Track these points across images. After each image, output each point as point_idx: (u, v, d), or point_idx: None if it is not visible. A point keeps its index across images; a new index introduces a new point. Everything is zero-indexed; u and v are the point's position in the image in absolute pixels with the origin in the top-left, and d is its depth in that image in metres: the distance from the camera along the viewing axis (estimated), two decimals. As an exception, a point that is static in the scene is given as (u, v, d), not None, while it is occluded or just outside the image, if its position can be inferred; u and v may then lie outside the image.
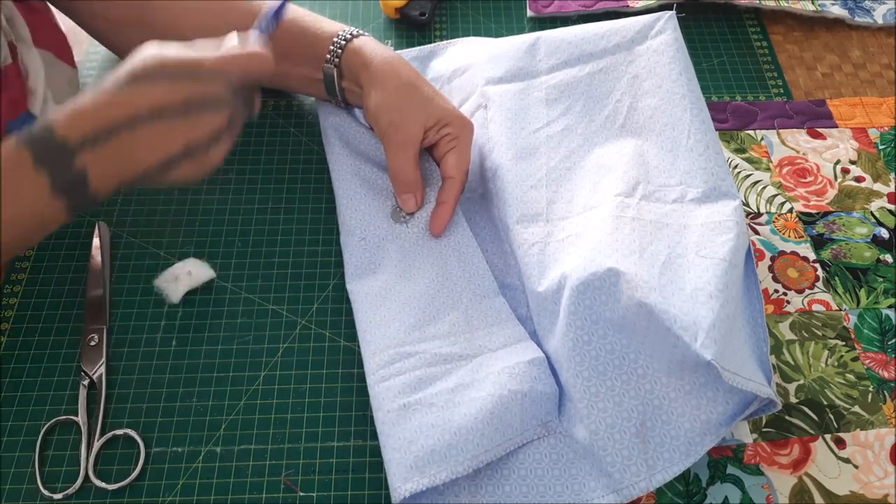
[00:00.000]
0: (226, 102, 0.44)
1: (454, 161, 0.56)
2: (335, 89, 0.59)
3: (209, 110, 0.44)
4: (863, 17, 0.75)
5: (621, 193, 0.51)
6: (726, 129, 0.66)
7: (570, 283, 0.47)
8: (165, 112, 0.42)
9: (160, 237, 0.58)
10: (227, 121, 0.45)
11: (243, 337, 0.53)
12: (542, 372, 0.48)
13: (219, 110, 0.44)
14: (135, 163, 0.43)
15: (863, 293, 0.56)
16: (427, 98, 0.56)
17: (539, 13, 0.75)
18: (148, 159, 0.43)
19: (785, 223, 0.60)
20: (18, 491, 0.47)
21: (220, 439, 0.49)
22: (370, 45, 0.57)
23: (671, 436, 0.45)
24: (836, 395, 0.51)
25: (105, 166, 0.43)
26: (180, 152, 0.44)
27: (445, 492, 0.45)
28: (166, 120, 0.43)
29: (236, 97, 0.45)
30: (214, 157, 0.46)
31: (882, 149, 0.65)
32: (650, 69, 0.56)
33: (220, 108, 0.44)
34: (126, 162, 0.43)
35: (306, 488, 0.47)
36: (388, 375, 0.48)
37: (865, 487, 0.47)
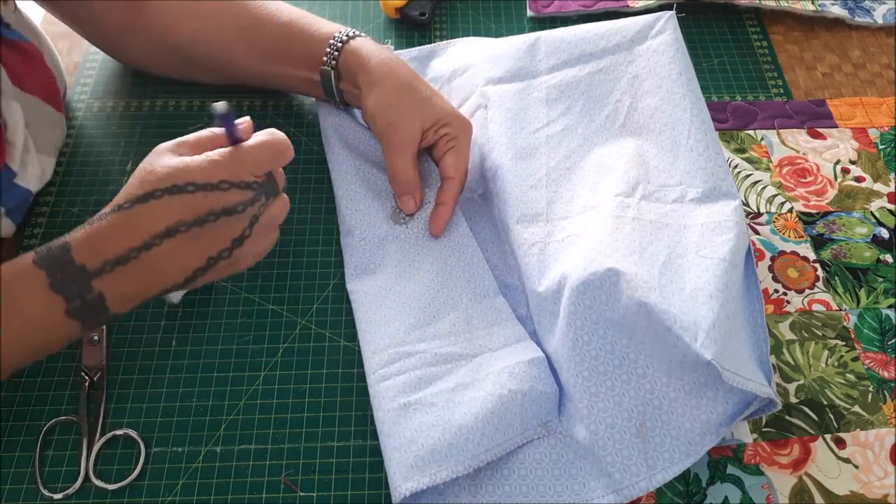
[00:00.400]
0: (243, 205, 0.43)
1: (453, 161, 0.56)
2: (333, 91, 0.59)
3: (226, 218, 0.43)
4: (863, 17, 0.75)
5: (621, 193, 0.51)
6: (726, 129, 0.66)
7: (570, 282, 0.47)
8: (180, 229, 0.42)
9: (160, 237, 0.58)
10: (248, 222, 0.44)
11: (243, 337, 0.53)
12: (542, 372, 0.48)
13: (237, 216, 0.43)
14: (156, 280, 0.43)
15: (863, 293, 0.56)
16: (425, 98, 0.56)
17: (539, 13, 0.75)
18: (169, 275, 0.43)
19: (785, 223, 0.60)
20: (18, 491, 0.47)
21: (220, 439, 0.49)
22: (367, 47, 0.57)
23: (671, 436, 0.45)
24: (836, 395, 0.51)
25: (124, 287, 0.42)
26: (203, 264, 0.43)
27: (446, 491, 0.45)
28: (182, 235, 0.42)
29: (256, 194, 0.44)
30: (245, 254, 0.45)
31: (882, 149, 0.65)
32: (650, 69, 0.56)
33: (238, 213, 0.43)
34: (146, 280, 0.43)
35: (306, 488, 0.47)
36: (389, 375, 0.48)
37: (865, 487, 0.47)
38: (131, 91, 0.68)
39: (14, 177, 0.54)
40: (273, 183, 0.46)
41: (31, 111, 0.57)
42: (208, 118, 0.66)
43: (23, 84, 0.56)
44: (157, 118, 0.66)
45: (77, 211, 0.59)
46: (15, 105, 0.54)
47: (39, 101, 0.58)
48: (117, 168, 0.62)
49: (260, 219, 0.45)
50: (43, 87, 0.59)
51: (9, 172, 0.54)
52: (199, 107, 0.67)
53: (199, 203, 0.42)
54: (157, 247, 0.41)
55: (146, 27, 0.61)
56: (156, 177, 0.42)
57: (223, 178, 0.42)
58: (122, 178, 0.61)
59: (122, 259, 0.41)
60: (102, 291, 0.41)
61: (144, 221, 0.41)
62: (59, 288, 0.41)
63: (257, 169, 0.44)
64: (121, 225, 0.41)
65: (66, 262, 0.41)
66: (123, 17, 0.60)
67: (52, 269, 0.41)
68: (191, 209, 0.42)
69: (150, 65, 0.66)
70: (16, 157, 0.54)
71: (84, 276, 0.41)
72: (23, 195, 0.56)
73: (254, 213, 0.44)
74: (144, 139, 0.64)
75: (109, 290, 0.42)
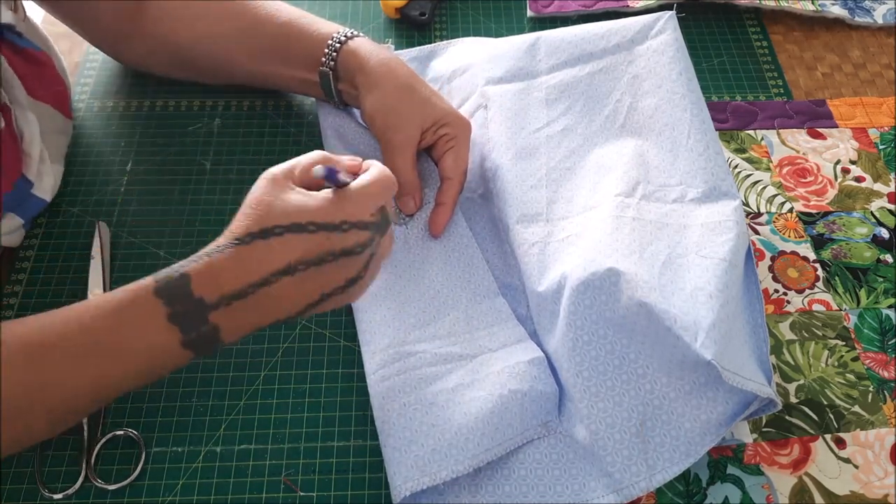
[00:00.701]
0: (362, 246, 0.43)
1: (452, 162, 0.56)
2: (332, 91, 0.59)
3: (345, 259, 0.42)
4: (863, 17, 0.75)
5: (621, 193, 0.51)
6: (726, 129, 0.66)
7: (571, 282, 0.47)
8: (298, 268, 0.41)
9: (160, 237, 0.58)
10: (365, 262, 0.44)
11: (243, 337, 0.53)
12: (542, 372, 0.48)
13: (355, 256, 0.43)
14: (269, 313, 0.42)
15: (863, 293, 0.56)
16: (424, 99, 0.56)
17: (539, 13, 0.75)
18: (283, 309, 0.42)
19: (785, 223, 0.60)
20: (18, 491, 0.47)
21: (220, 439, 0.49)
22: (366, 47, 0.57)
23: (671, 436, 0.45)
24: (836, 395, 0.51)
25: (239, 320, 0.42)
26: (316, 299, 0.43)
27: (446, 491, 0.45)
28: (301, 274, 0.41)
29: (373, 234, 0.43)
30: (359, 289, 0.45)
31: (882, 149, 0.65)
32: (650, 69, 0.56)
33: (357, 255, 0.43)
34: (260, 314, 0.42)
35: (306, 488, 0.47)
36: (389, 375, 0.48)
37: (865, 487, 0.47)
38: (131, 91, 0.68)
39: (31, 187, 0.55)
40: (386, 218, 0.45)
41: (44, 120, 0.57)
42: (208, 118, 0.66)
43: (35, 93, 0.56)
44: (157, 118, 0.66)
45: (77, 211, 0.59)
46: (31, 116, 0.54)
47: (50, 109, 0.58)
48: (117, 168, 0.62)
49: (374, 256, 0.45)
50: (54, 95, 0.59)
51: (26, 183, 0.54)
52: (198, 107, 0.67)
53: (319, 243, 0.41)
54: (275, 284, 0.41)
55: (146, 29, 0.61)
56: (276, 213, 0.41)
57: (344, 219, 0.42)
58: (122, 178, 0.61)
59: (239, 294, 0.40)
60: (218, 324, 0.41)
61: (264, 258, 0.41)
62: (178, 319, 0.40)
63: (373, 207, 0.44)
64: (240, 260, 0.41)
65: (185, 295, 0.40)
66: (124, 18, 0.60)
67: (172, 300, 0.40)
68: (311, 249, 0.41)
69: (150, 65, 0.66)
70: (32, 168, 0.54)
71: (202, 309, 0.40)
72: (39, 206, 0.56)
73: (371, 252, 0.44)
74: (144, 139, 0.64)
75: (224, 322, 0.41)
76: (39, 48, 0.57)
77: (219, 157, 0.63)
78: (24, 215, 0.55)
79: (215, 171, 0.62)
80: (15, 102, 0.53)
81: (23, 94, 0.54)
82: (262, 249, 0.41)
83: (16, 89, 0.54)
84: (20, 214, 0.54)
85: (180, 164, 0.62)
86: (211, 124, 0.65)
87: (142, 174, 0.62)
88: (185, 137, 0.64)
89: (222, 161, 0.63)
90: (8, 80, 0.53)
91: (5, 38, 0.53)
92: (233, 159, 0.63)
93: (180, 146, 0.64)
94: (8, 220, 0.54)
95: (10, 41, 0.53)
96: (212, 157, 0.63)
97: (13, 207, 0.54)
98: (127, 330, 0.40)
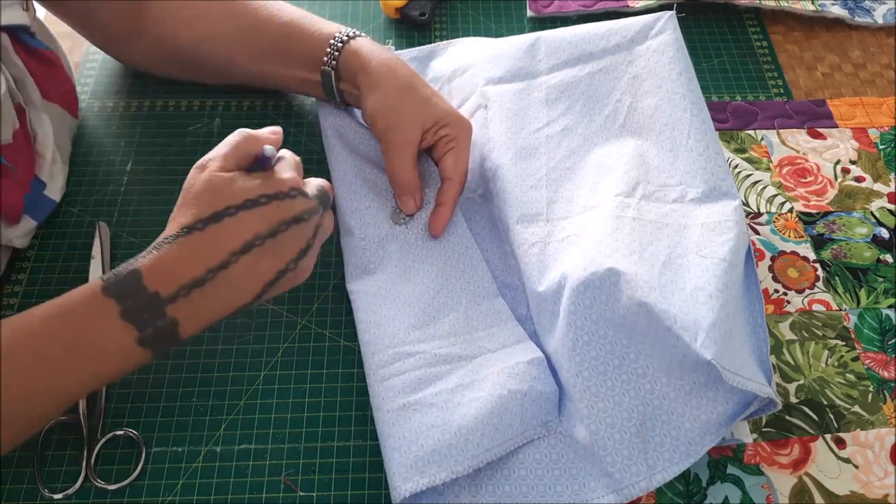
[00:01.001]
0: (309, 212, 0.44)
1: (452, 162, 0.56)
2: (333, 91, 0.59)
3: (295, 226, 0.43)
4: (863, 17, 0.75)
5: (621, 193, 0.51)
6: (726, 129, 0.66)
7: (571, 282, 0.47)
8: (255, 243, 0.41)
9: (160, 237, 0.58)
10: (313, 231, 0.44)
11: (243, 337, 0.53)
12: (541, 372, 0.48)
13: (304, 223, 0.43)
14: (229, 299, 0.42)
15: (863, 293, 0.56)
16: (425, 99, 0.56)
17: (539, 13, 0.75)
18: (243, 291, 0.42)
19: (785, 223, 0.60)
20: (18, 491, 0.47)
21: (220, 439, 0.49)
22: (367, 47, 0.57)
23: (671, 436, 0.45)
24: (836, 395, 0.51)
25: (198, 310, 0.41)
26: (273, 277, 0.43)
27: (446, 492, 0.45)
28: (258, 249, 0.42)
29: (319, 202, 0.45)
30: (306, 266, 0.46)
31: (882, 149, 0.65)
32: (650, 69, 0.56)
33: (305, 221, 0.44)
34: (221, 300, 0.42)
35: (306, 488, 0.47)
36: (389, 375, 0.48)
37: (865, 487, 0.47)
38: (131, 91, 0.68)
39: (44, 188, 0.55)
40: (326, 194, 0.47)
41: (54, 120, 0.57)
42: (208, 118, 0.66)
43: (47, 93, 0.56)
44: (157, 118, 0.66)
45: (77, 211, 0.59)
46: (44, 116, 0.55)
47: (60, 109, 0.59)
48: (117, 168, 0.62)
49: (319, 229, 0.46)
50: (62, 95, 0.59)
51: (39, 184, 0.54)
52: (198, 107, 0.67)
53: (272, 213, 0.42)
54: (234, 264, 0.41)
55: (147, 29, 0.61)
56: (226, 194, 0.42)
57: (291, 187, 0.43)
58: (122, 178, 0.61)
59: (198, 281, 0.40)
60: (176, 317, 0.41)
61: (221, 240, 0.41)
62: (131, 316, 0.40)
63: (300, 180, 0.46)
64: (196, 247, 0.41)
65: (137, 290, 0.40)
66: (125, 19, 0.60)
67: (123, 296, 0.39)
68: (265, 221, 0.42)
69: (151, 66, 0.66)
70: (45, 169, 0.55)
71: (157, 303, 0.40)
72: (50, 207, 0.56)
73: (317, 221, 0.45)
74: (144, 139, 0.64)
75: (182, 315, 0.41)
76: (49, 48, 0.57)
77: (219, 157, 0.63)
78: (37, 217, 0.55)
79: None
80: (29, 103, 0.54)
81: (37, 94, 0.54)
82: (218, 231, 0.41)
83: (30, 90, 0.54)
84: (33, 216, 0.55)
85: (180, 164, 0.62)
86: (211, 124, 0.65)
87: (142, 174, 0.62)
88: (185, 137, 0.64)
89: (222, 161, 0.63)
90: (23, 80, 0.53)
91: (19, 38, 0.53)
92: (233, 159, 0.63)
93: (180, 146, 0.64)
94: (23, 223, 0.54)
95: (23, 42, 0.53)
96: (212, 157, 0.63)
97: (28, 209, 0.54)
98: (79, 333, 0.39)
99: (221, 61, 0.62)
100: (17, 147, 0.51)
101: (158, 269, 0.40)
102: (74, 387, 0.41)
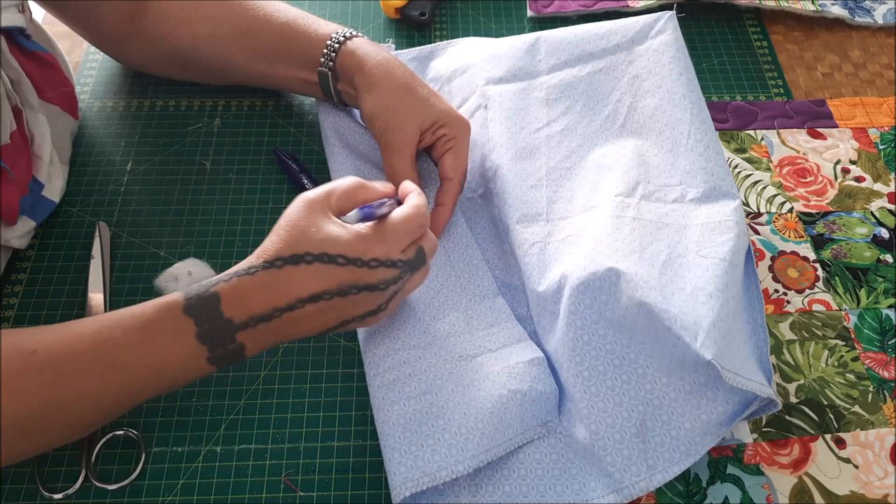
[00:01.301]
0: (386, 283, 0.44)
1: (451, 162, 0.56)
2: (331, 91, 0.59)
3: (369, 292, 0.43)
4: (863, 17, 0.75)
5: (621, 193, 0.51)
6: (726, 129, 0.66)
7: (571, 282, 0.47)
8: (323, 297, 0.42)
9: (160, 237, 0.58)
10: (388, 297, 0.45)
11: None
12: (541, 372, 0.48)
13: (379, 292, 0.44)
14: (292, 334, 0.44)
15: (863, 293, 0.56)
16: (423, 99, 0.56)
17: (539, 13, 0.75)
18: (304, 331, 0.44)
19: (785, 223, 0.60)
20: (18, 491, 0.47)
21: (220, 439, 0.49)
22: (364, 47, 0.57)
23: (671, 436, 0.45)
24: (836, 395, 0.51)
25: (263, 339, 0.43)
26: (337, 324, 0.44)
27: (445, 492, 0.45)
28: (325, 302, 0.42)
29: (402, 272, 0.44)
30: (373, 322, 0.46)
31: (882, 149, 0.65)
32: (650, 69, 0.56)
33: (381, 291, 0.44)
34: (284, 334, 0.43)
35: (306, 488, 0.47)
36: (389, 375, 0.48)
37: (865, 487, 0.47)
38: (131, 91, 0.68)
39: (42, 189, 0.55)
40: (421, 257, 0.46)
41: (53, 121, 0.57)
42: (208, 118, 0.66)
43: (44, 95, 0.56)
44: (157, 118, 0.66)
45: (77, 211, 0.59)
46: (42, 118, 0.55)
47: (59, 110, 0.59)
48: (117, 168, 0.62)
49: (398, 293, 0.46)
50: (62, 96, 0.59)
51: (38, 185, 0.54)
52: (198, 107, 0.67)
53: (346, 277, 0.42)
54: (300, 310, 0.42)
55: (146, 30, 0.61)
56: (309, 240, 0.42)
57: (374, 257, 0.43)
58: (122, 178, 0.61)
59: (265, 317, 0.42)
60: (244, 342, 0.42)
61: (292, 284, 0.42)
62: (206, 338, 0.41)
63: (403, 245, 0.45)
64: (269, 284, 0.42)
65: (215, 315, 0.41)
66: (124, 19, 0.60)
67: (201, 319, 0.41)
68: (337, 281, 0.42)
69: (150, 66, 0.66)
70: (43, 170, 0.55)
71: (230, 328, 0.41)
72: (49, 208, 0.56)
73: (395, 289, 0.45)
74: (144, 139, 0.64)
75: (249, 341, 0.42)
76: (46, 50, 0.57)
77: (219, 157, 0.63)
78: (36, 217, 0.55)
79: (215, 171, 0.62)
80: (26, 105, 0.54)
81: (34, 96, 0.54)
82: (291, 275, 0.42)
83: (27, 92, 0.54)
84: (32, 217, 0.55)
85: (180, 164, 0.63)
86: (211, 124, 0.65)
87: (142, 174, 0.62)
88: (185, 137, 0.64)
89: (222, 161, 0.63)
90: (19, 81, 0.53)
91: (15, 40, 0.53)
92: (233, 159, 0.63)
93: (180, 146, 0.64)
94: (22, 224, 0.54)
95: (19, 44, 0.54)
96: (212, 157, 0.63)
97: (26, 210, 0.54)
98: (155, 346, 0.41)
99: (221, 61, 0.62)
100: (14, 148, 0.51)
101: (235, 297, 0.41)
102: (138, 394, 0.42)
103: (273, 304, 0.41)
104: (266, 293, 0.41)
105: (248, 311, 0.41)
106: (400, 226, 0.44)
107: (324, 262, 0.42)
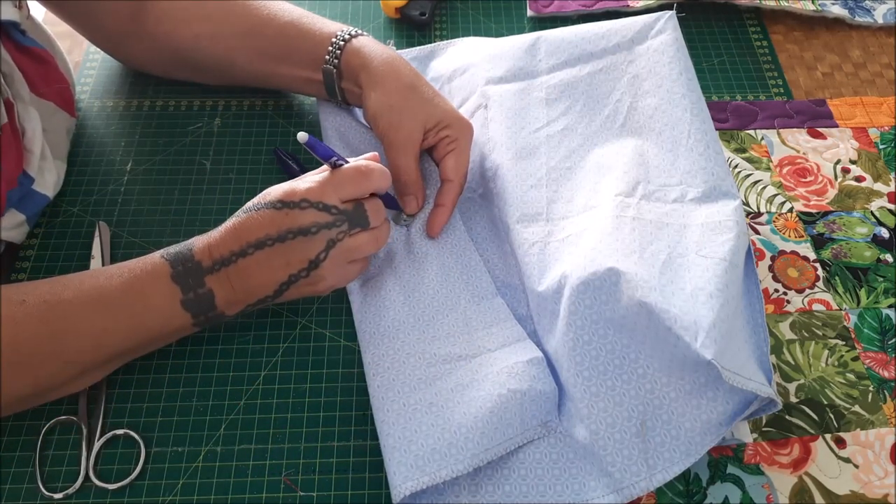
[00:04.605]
0: (317, 226, 0.46)
1: (453, 164, 0.56)
2: (335, 90, 0.59)
3: (302, 238, 0.46)
4: (863, 16, 0.75)
5: (621, 193, 0.51)
6: (726, 129, 0.66)
7: (571, 282, 0.47)
8: (267, 242, 0.46)
9: (160, 237, 0.58)
10: (323, 245, 0.47)
11: (243, 337, 0.53)
12: (541, 371, 0.48)
13: (311, 237, 0.46)
14: (250, 287, 0.47)
15: (863, 293, 0.56)
16: (427, 99, 0.56)
17: (539, 13, 0.75)
18: (260, 284, 0.47)
19: (785, 223, 0.60)
20: (18, 491, 0.47)
21: (220, 439, 0.49)
22: (369, 46, 0.57)
23: (671, 435, 0.45)
24: (836, 395, 0.51)
25: (228, 289, 0.47)
26: (285, 279, 0.47)
27: (445, 491, 0.45)
28: (269, 249, 0.46)
29: (336, 219, 0.47)
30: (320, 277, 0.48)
31: (882, 148, 0.65)
32: (650, 69, 0.56)
33: (312, 235, 0.46)
34: (243, 286, 0.47)
35: (306, 488, 0.47)
36: (389, 375, 0.48)
37: (865, 487, 0.47)
38: (131, 91, 0.68)
39: (32, 183, 0.55)
40: (361, 213, 0.48)
41: (47, 117, 0.57)
42: (209, 118, 0.66)
43: (38, 90, 0.56)
44: (157, 118, 0.66)
45: (77, 210, 0.59)
46: (33, 112, 0.55)
47: (54, 107, 0.59)
48: (117, 168, 0.62)
49: (337, 245, 0.47)
50: (57, 93, 0.59)
51: (28, 179, 0.54)
52: (198, 107, 0.67)
53: (279, 219, 0.46)
54: (250, 256, 0.46)
55: (148, 30, 0.61)
56: (269, 193, 0.47)
57: (304, 198, 0.46)
58: (122, 178, 0.61)
59: (225, 261, 0.46)
60: (212, 288, 0.46)
61: (245, 231, 0.46)
62: (178, 279, 0.46)
63: (343, 193, 0.47)
64: (231, 231, 0.47)
65: (187, 258, 0.46)
66: (125, 18, 0.60)
67: (175, 261, 0.46)
68: (274, 224, 0.46)
69: (151, 66, 0.66)
70: (34, 164, 0.55)
71: (199, 271, 0.46)
72: (41, 202, 0.56)
73: (329, 237, 0.47)
74: (144, 139, 0.64)
75: (217, 287, 0.46)
76: (42, 46, 0.57)
77: (219, 157, 0.63)
78: (27, 211, 0.55)
79: (215, 171, 0.62)
80: (18, 98, 0.54)
81: (25, 90, 0.54)
82: (245, 223, 0.47)
83: (18, 85, 0.54)
84: (22, 210, 0.54)
85: (180, 164, 0.63)
86: (211, 124, 0.65)
87: (142, 174, 0.62)
88: (185, 137, 0.64)
89: (222, 161, 0.63)
90: (11, 75, 0.53)
91: (9, 35, 0.53)
92: (233, 159, 0.63)
93: (180, 146, 0.64)
94: (10, 216, 0.54)
95: (14, 39, 0.54)
96: (212, 157, 0.63)
97: (15, 203, 0.54)
98: (135, 286, 0.46)
99: (222, 61, 0.62)
100: (4, 141, 0.51)
101: (205, 243, 0.47)
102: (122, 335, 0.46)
103: (230, 249, 0.46)
104: (227, 239, 0.46)
105: (213, 256, 0.46)
106: (338, 174, 0.48)
107: (268, 208, 0.46)
